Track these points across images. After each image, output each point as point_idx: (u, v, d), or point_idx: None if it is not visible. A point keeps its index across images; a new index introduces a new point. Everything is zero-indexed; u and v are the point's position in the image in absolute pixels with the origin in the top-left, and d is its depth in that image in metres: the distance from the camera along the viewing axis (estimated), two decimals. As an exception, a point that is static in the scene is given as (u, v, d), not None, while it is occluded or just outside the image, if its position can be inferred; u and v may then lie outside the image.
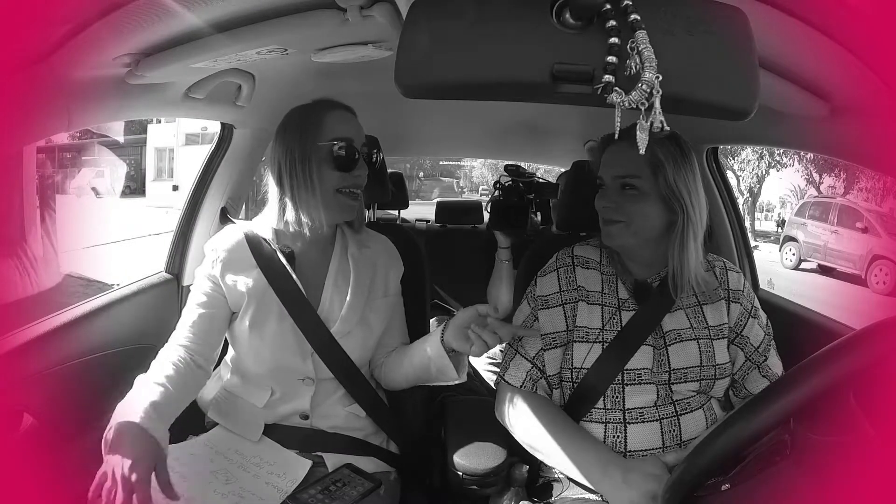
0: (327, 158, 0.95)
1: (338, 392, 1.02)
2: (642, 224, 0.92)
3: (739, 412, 0.65)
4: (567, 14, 0.53)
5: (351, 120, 1.01)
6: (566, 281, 0.98)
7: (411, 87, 0.55)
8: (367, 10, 0.80)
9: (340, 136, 0.96)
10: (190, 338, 0.98)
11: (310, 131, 0.96)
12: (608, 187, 0.95)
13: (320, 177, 0.95)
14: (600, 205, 0.95)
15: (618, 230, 0.93)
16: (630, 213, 0.92)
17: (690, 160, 0.92)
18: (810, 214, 9.92)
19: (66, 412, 1.02)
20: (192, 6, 0.73)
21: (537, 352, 0.96)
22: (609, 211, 0.94)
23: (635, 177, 0.91)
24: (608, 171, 0.95)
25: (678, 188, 0.90)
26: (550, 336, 0.96)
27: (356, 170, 0.98)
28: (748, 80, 0.54)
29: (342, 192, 0.97)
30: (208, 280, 1.00)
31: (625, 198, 0.92)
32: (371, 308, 1.04)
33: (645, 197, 0.91)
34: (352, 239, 1.07)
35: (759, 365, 0.97)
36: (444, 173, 19.03)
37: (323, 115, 0.98)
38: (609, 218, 0.94)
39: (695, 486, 0.67)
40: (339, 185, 0.97)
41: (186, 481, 0.88)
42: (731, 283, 0.99)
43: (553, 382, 0.97)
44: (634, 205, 0.92)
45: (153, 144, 14.26)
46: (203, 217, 1.40)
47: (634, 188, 0.92)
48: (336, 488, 0.90)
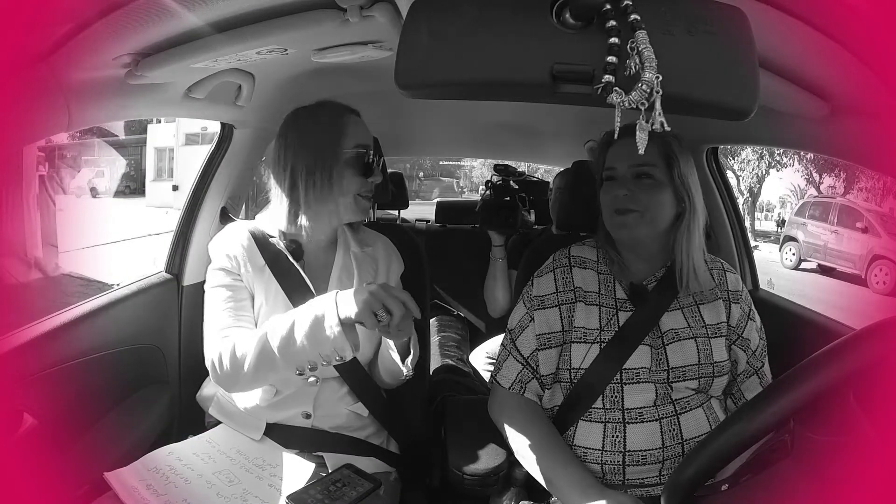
0: (352, 165, 0.98)
1: (341, 390, 1.02)
2: (657, 213, 0.93)
3: (740, 412, 0.65)
4: (567, 14, 0.53)
5: (363, 126, 1.03)
6: (563, 281, 0.99)
7: (411, 87, 0.55)
8: (367, 10, 0.80)
9: (363, 143, 1.00)
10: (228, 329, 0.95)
11: (332, 138, 0.98)
12: (622, 177, 0.95)
13: (344, 182, 0.98)
14: (613, 194, 0.95)
15: (633, 219, 0.93)
16: (646, 202, 0.92)
17: (689, 157, 0.96)
18: (810, 214, 9.93)
19: (66, 412, 1.02)
20: (192, 6, 0.73)
21: (531, 352, 0.97)
22: (625, 200, 0.93)
23: (652, 166, 0.93)
24: (622, 162, 0.95)
25: (687, 181, 0.93)
26: (546, 336, 0.96)
27: (373, 176, 1.02)
28: (748, 80, 0.54)
29: (362, 196, 1.01)
30: (223, 272, 1.00)
31: (640, 187, 0.93)
32: None
33: (661, 186, 0.93)
34: (353, 238, 1.08)
35: (757, 371, 0.97)
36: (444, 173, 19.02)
37: (342, 122, 1.00)
38: (623, 207, 0.93)
39: (695, 486, 0.67)
40: (360, 190, 1.00)
41: (189, 484, 0.88)
42: (731, 285, 1.00)
43: (546, 382, 0.97)
44: (650, 194, 0.93)
45: (153, 144, 14.24)
46: (203, 217, 1.40)
47: (651, 177, 0.93)
48: (336, 489, 0.90)
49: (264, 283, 0.99)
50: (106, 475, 0.87)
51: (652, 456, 0.88)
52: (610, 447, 0.89)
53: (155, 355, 1.29)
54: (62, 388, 1.02)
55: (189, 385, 1.32)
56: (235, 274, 0.99)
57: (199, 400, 1.12)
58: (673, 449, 0.88)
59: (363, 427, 1.04)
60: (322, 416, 1.01)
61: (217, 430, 1.03)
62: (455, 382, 1.55)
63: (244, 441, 0.99)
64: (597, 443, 0.90)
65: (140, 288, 1.28)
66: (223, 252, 1.00)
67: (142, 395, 1.23)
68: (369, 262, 1.07)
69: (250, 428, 1.00)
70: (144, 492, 0.85)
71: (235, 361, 0.89)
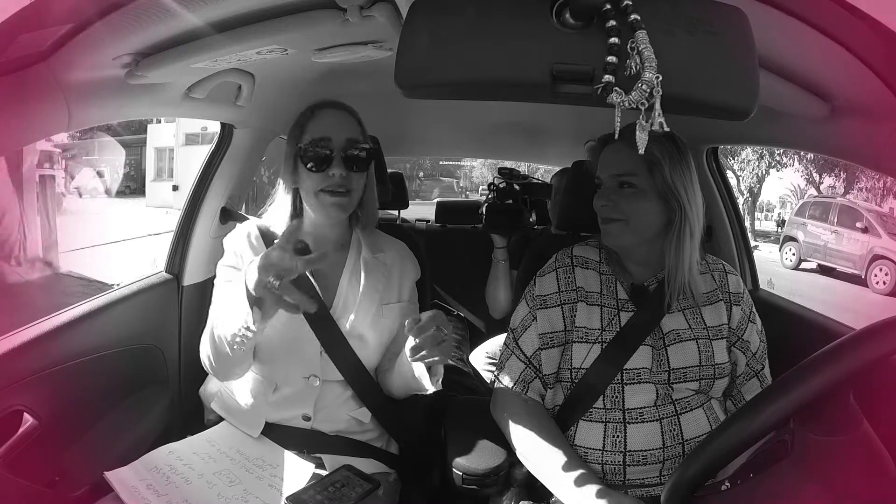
0: (306, 160, 0.96)
1: (345, 395, 1.02)
2: (641, 221, 0.92)
3: (740, 412, 0.65)
4: (567, 14, 0.53)
5: (334, 117, 1.00)
6: (565, 281, 0.99)
7: (411, 87, 0.55)
8: (367, 10, 0.80)
9: (317, 137, 0.96)
10: None
11: (293, 135, 0.99)
12: (606, 186, 0.95)
13: (302, 178, 0.98)
14: (598, 204, 0.96)
15: (617, 228, 0.93)
16: (628, 211, 0.92)
17: (686, 158, 0.93)
18: (810, 214, 9.93)
19: (66, 412, 1.02)
20: (192, 6, 0.73)
21: (534, 351, 0.97)
22: (607, 209, 0.94)
23: (633, 174, 0.92)
24: (605, 171, 0.96)
25: (675, 185, 0.90)
26: (548, 335, 0.96)
27: (331, 169, 0.95)
28: (748, 80, 0.54)
29: (324, 192, 0.96)
30: (228, 268, 1.01)
31: (622, 196, 0.93)
32: (382, 313, 1.04)
33: (643, 194, 0.92)
34: (365, 242, 1.07)
35: (758, 374, 0.97)
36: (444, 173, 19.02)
37: (308, 117, 0.99)
38: (608, 216, 0.94)
39: (695, 486, 0.67)
40: (320, 186, 0.96)
41: (190, 484, 0.88)
42: (732, 287, 0.99)
43: (548, 382, 0.97)
44: (632, 202, 0.92)
45: (153, 144, 14.24)
46: (203, 217, 1.40)
47: (632, 186, 0.92)
48: (335, 489, 0.90)
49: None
50: (106, 474, 0.87)
51: (652, 456, 0.88)
52: (611, 447, 0.89)
53: (155, 355, 1.29)
54: (62, 388, 1.02)
55: (189, 385, 1.32)
56: (239, 270, 0.99)
57: (202, 395, 1.12)
58: (673, 449, 0.88)
59: (364, 431, 1.04)
60: (322, 420, 1.00)
61: (217, 430, 1.02)
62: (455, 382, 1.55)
63: (245, 441, 0.99)
64: (597, 443, 0.90)
65: (140, 288, 1.28)
66: (231, 249, 1.02)
67: (142, 395, 1.23)
68: (379, 268, 1.06)
69: (249, 425, 1.00)
70: (145, 491, 0.85)
71: (214, 345, 0.90)
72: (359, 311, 1.01)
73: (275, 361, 0.99)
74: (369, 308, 1.02)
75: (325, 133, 0.96)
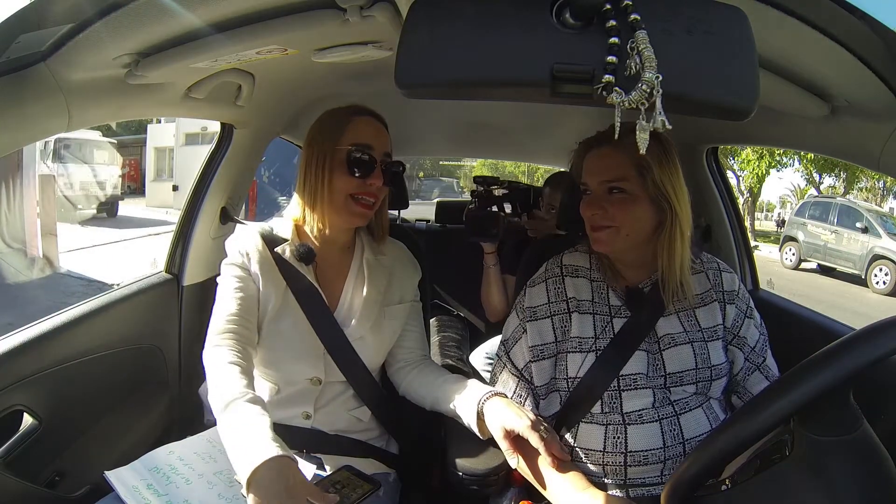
0: (345, 162, 0.95)
1: (345, 394, 1.02)
2: (633, 227, 0.91)
3: (740, 412, 0.65)
4: (567, 14, 0.53)
5: (375, 128, 0.99)
6: (555, 292, 0.98)
7: (411, 87, 0.55)
8: (367, 10, 0.80)
9: (360, 142, 0.95)
10: (234, 326, 0.94)
11: (331, 135, 0.96)
12: (595, 194, 0.93)
13: (335, 181, 0.95)
14: (588, 213, 0.93)
15: (608, 235, 0.92)
16: (620, 217, 0.90)
17: (673, 158, 0.91)
18: (810, 214, 9.93)
19: (66, 412, 1.02)
20: (192, 6, 0.73)
21: (525, 364, 0.97)
22: (597, 217, 0.92)
23: (623, 180, 0.90)
24: (593, 177, 0.93)
25: (665, 187, 0.89)
26: (539, 348, 0.96)
27: (371, 178, 0.96)
28: (748, 80, 0.54)
29: (355, 199, 0.96)
30: (238, 268, 1.00)
31: (612, 202, 0.90)
32: (385, 314, 1.04)
33: (634, 199, 0.90)
34: (368, 245, 1.07)
35: (759, 366, 0.96)
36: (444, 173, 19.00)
37: (347, 120, 0.97)
38: (598, 224, 0.92)
39: (695, 486, 0.67)
40: (353, 192, 0.96)
41: (190, 484, 0.88)
42: (726, 285, 0.98)
43: (540, 394, 0.97)
44: (624, 208, 0.90)
45: (153, 144, 14.23)
46: (203, 217, 1.40)
47: (623, 191, 0.90)
48: (335, 490, 0.90)
49: (274, 283, 0.98)
50: (106, 474, 0.87)
51: (653, 456, 0.88)
52: (611, 448, 0.89)
53: (155, 355, 1.30)
54: (62, 388, 1.02)
55: (189, 385, 1.33)
56: (244, 269, 0.99)
57: (202, 395, 1.12)
58: (674, 448, 0.88)
59: (364, 430, 1.04)
60: (323, 418, 1.00)
61: (217, 430, 1.02)
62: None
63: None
64: (598, 444, 0.90)
65: (140, 288, 1.28)
66: (235, 248, 1.01)
67: (142, 395, 1.23)
68: (382, 271, 1.06)
69: None
70: (145, 491, 0.85)
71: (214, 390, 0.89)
72: (362, 314, 1.01)
73: (279, 365, 0.99)
74: (372, 311, 1.02)
75: (368, 140, 0.96)
